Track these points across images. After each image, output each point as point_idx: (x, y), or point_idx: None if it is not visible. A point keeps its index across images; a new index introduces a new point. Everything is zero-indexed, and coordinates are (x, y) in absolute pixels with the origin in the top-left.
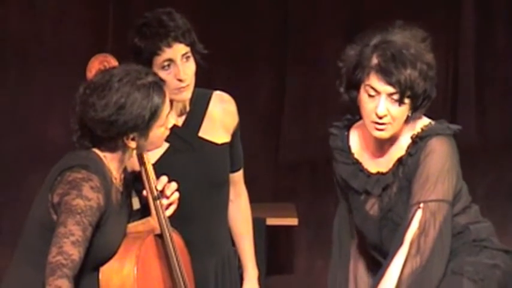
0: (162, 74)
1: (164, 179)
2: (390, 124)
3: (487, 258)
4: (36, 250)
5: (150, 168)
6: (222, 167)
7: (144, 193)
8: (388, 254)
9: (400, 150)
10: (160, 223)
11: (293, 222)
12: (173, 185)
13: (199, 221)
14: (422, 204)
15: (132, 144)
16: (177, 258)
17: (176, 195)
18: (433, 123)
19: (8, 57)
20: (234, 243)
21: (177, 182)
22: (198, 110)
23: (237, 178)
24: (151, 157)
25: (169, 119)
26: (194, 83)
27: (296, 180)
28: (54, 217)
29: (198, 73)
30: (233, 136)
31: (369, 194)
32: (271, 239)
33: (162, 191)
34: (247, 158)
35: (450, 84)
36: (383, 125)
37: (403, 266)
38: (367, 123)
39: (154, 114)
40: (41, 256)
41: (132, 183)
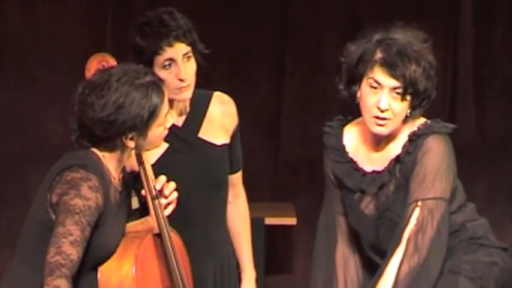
0: (163, 73)
1: (163, 178)
2: (391, 120)
3: (484, 256)
4: (35, 250)
5: (148, 168)
6: (221, 168)
7: (142, 193)
8: (385, 252)
9: (396, 149)
10: (158, 223)
11: (292, 221)
12: (172, 185)
13: (199, 221)
14: (420, 202)
15: (131, 143)
16: (175, 257)
17: (175, 194)
18: (429, 121)
19: (6, 57)
20: (232, 244)
21: (176, 182)
22: (198, 110)
23: (236, 179)
24: (151, 157)
25: (168, 118)
26: (195, 83)
27: (295, 180)
28: (52, 217)
29: (198, 73)
30: (232, 137)
31: (363, 192)
32: (269, 238)
33: (160, 191)
34: (246, 157)
35: (449, 84)
36: (384, 120)
37: (401, 264)
38: (367, 119)
39: (153, 113)
40: (40, 256)
41: (131, 183)
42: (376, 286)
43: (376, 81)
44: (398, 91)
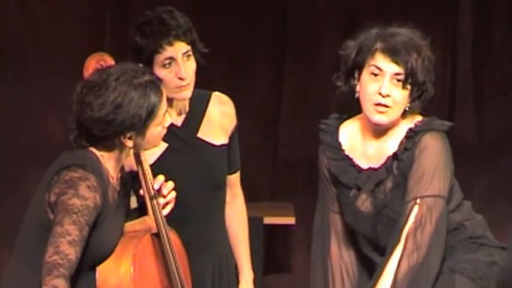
0: (162, 72)
1: (161, 178)
2: (391, 108)
3: (484, 255)
4: (34, 249)
5: (147, 168)
6: (219, 168)
7: (141, 192)
8: (383, 248)
9: (392, 146)
10: (157, 222)
11: (290, 221)
12: (170, 184)
13: (197, 221)
14: (419, 200)
15: (129, 143)
16: (174, 257)
17: (173, 194)
18: (426, 119)
19: (6, 56)
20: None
21: (175, 182)
22: (197, 110)
23: (234, 180)
24: (150, 157)
25: (166, 118)
26: (194, 82)
27: (294, 179)
28: (51, 216)
29: (197, 72)
30: (231, 138)
31: (359, 189)
32: (268, 238)
33: (159, 190)
34: (246, 157)
35: (448, 83)
36: (385, 107)
37: (400, 261)
38: (368, 108)
39: (151, 113)
40: (38, 255)
41: (129, 182)
42: (377, 284)
43: (377, 67)
44: (400, 78)
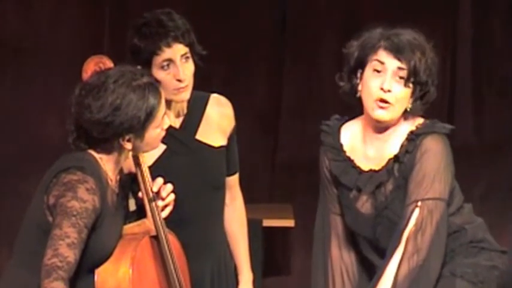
0: (161, 74)
1: (160, 180)
2: (392, 105)
3: (485, 259)
4: (33, 252)
5: (145, 170)
6: (218, 170)
7: (139, 195)
8: (383, 250)
9: (393, 148)
10: (155, 225)
11: (290, 223)
12: (169, 187)
13: (196, 223)
14: (419, 203)
15: (128, 145)
16: (172, 259)
17: (172, 196)
18: (428, 121)
19: (4, 58)
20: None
21: (173, 184)
22: (195, 112)
23: (233, 182)
24: (148, 159)
25: (165, 120)
26: (193, 84)
27: (293, 181)
28: (49, 219)
29: (196, 73)
30: (229, 139)
31: (360, 191)
32: (267, 240)
33: (157, 193)
34: (245, 158)
35: (447, 84)
36: (386, 103)
37: (400, 264)
38: (369, 105)
39: (150, 115)
40: (37, 258)
41: (128, 184)
42: (376, 286)
43: (380, 62)
44: (402, 74)
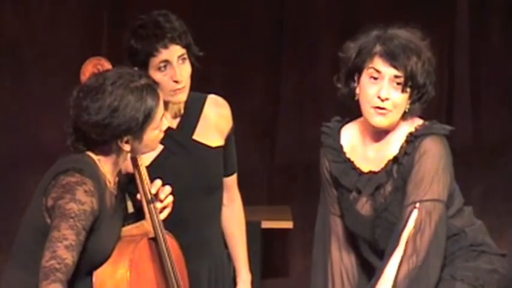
0: (158, 75)
1: (158, 182)
2: (390, 111)
3: (485, 263)
4: (31, 253)
5: (144, 172)
6: (215, 170)
7: (138, 196)
8: (382, 251)
9: (393, 149)
10: (154, 227)
11: (288, 225)
12: (167, 189)
13: (193, 223)
14: (418, 204)
15: (126, 147)
16: (171, 261)
17: (170, 198)
18: (427, 123)
19: (1, 60)
20: (227, 247)
21: (170, 184)
22: (192, 112)
23: (231, 182)
24: (145, 159)
25: (163, 121)
26: (190, 86)
27: (291, 183)
28: (48, 221)
29: (193, 75)
30: (227, 140)
31: (359, 192)
32: (266, 242)
33: (156, 195)
34: (243, 160)
35: (446, 86)
36: (384, 110)
37: (399, 266)
38: (367, 111)
39: (148, 116)
40: (35, 260)
41: (126, 186)
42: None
43: (376, 70)
44: (399, 81)
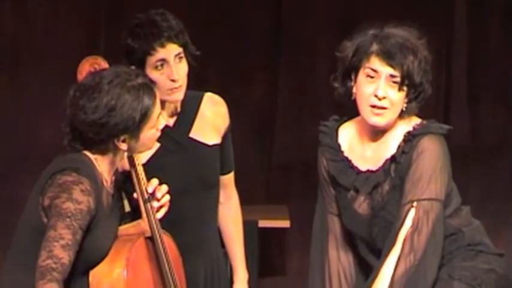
0: (154, 74)
1: (155, 181)
2: (388, 109)
3: (482, 263)
4: (28, 253)
5: (140, 171)
6: (212, 168)
7: (134, 196)
8: (379, 251)
9: (391, 148)
10: (150, 226)
11: (285, 224)
12: (164, 188)
13: (190, 221)
14: (415, 203)
15: (123, 146)
16: (167, 260)
17: (167, 197)
18: (425, 122)
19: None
20: (224, 245)
21: (167, 182)
22: (189, 111)
23: (228, 180)
24: (142, 157)
25: (160, 120)
26: (187, 84)
27: (288, 182)
28: (45, 220)
29: (191, 75)
30: (224, 138)
31: (357, 191)
32: (263, 241)
33: (152, 194)
34: (240, 159)
35: (443, 86)
36: (381, 109)
37: (397, 264)
38: (364, 110)
39: (145, 115)
40: (33, 259)
41: (123, 185)
42: (372, 286)
43: (373, 69)
44: (396, 80)
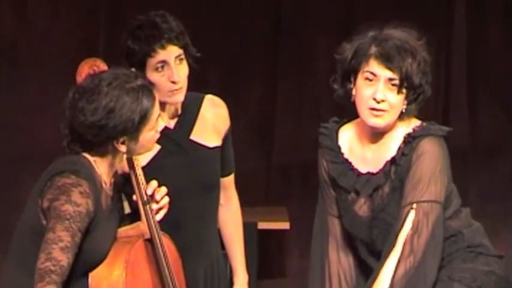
0: (155, 76)
1: (154, 183)
2: (387, 112)
3: (482, 265)
4: (27, 255)
5: (140, 173)
6: (213, 170)
7: (134, 198)
8: (379, 252)
9: (391, 150)
10: (150, 228)
11: (285, 226)
12: (163, 190)
13: (190, 223)
14: (415, 205)
15: (122, 148)
16: (166, 262)
17: (166, 199)
18: (425, 123)
19: None
20: (223, 247)
21: (167, 184)
22: (189, 113)
23: (228, 182)
24: (142, 159)
25: (159, 122)
26: (187, 86)
27: (288, 184)
28: (44, 222)
29: (191, 76)
30: (224, 140)
31: (358, 194)
32: (262, 243)
33: (152, 196)
34: (240, 161)
35: (442, 87)
36: (380, 111)
37: (397, 266)
38: (363, 112)
39: (144, 117)
40: (32, 261)
41: (122, 187)
42: None
43: (372, 73)
44: (394, 83)
